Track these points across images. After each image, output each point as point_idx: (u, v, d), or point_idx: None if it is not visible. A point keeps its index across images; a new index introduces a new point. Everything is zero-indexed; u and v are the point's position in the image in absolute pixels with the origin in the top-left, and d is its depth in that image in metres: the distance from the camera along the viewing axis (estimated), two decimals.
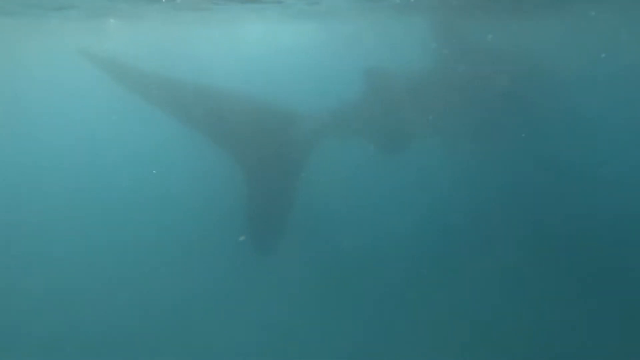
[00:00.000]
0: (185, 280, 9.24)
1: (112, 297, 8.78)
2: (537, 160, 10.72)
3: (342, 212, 10.45)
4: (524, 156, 10.67)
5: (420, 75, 9.43)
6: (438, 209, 10.96)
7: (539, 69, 9.91)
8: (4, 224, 11.18)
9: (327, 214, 10.11)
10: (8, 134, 16.52)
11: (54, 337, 7.99)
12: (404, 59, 9.63)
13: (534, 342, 7.83)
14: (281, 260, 8.88)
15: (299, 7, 9.59)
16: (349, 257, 9.56)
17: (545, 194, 10.58)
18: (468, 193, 10.82)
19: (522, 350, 7.73)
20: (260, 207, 8.38)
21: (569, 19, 9.92)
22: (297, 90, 8.80)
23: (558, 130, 10.49)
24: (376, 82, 8.97)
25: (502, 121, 9.74)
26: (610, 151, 11.78)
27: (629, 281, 8.52)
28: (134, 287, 8.85)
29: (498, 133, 10.00)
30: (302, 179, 8.30)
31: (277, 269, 9.12)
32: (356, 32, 11.88)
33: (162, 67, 7.71)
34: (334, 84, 9.74)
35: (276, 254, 8.69)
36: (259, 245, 8.66)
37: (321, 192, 9.40)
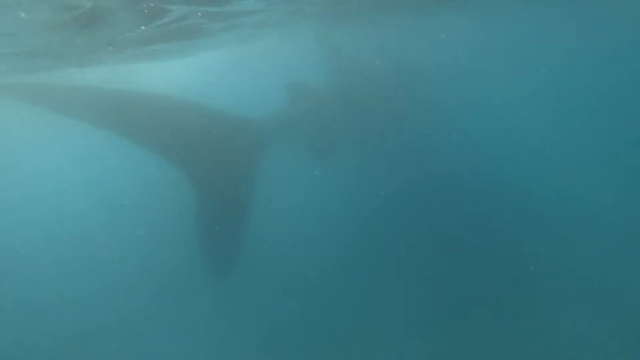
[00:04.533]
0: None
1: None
2: (445, 158, 11.71)
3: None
4: (432, 156, 11.60)
5: (327, 87, 10.18)
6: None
7: (435, 74, 11.18)
8: None
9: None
10: None
11: None
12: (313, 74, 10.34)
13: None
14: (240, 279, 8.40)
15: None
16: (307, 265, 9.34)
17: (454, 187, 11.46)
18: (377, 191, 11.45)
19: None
20: (213, 223, 7.95)
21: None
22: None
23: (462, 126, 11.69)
24: (295, 94, 9.50)
25: (393, 125, 10.73)
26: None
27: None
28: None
29: (397, 136, 10.93)
30: (255, 187, 8.13)
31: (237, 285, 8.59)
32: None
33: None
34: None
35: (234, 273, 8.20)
36: (216, 265, 8.11)
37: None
